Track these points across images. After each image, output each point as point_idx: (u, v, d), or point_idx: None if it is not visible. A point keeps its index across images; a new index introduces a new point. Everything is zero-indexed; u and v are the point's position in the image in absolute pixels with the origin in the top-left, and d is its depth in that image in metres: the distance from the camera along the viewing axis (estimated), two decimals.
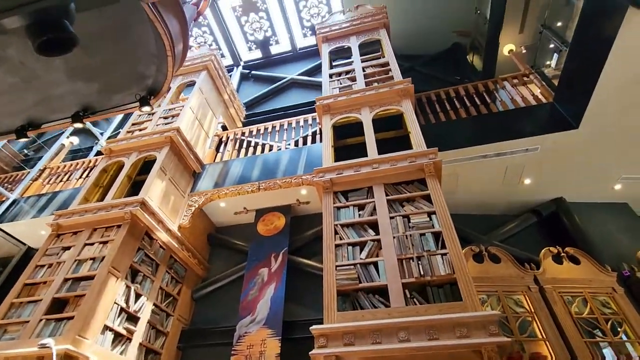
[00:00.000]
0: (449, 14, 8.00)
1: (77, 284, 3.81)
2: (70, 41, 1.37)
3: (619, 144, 4.65)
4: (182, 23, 1.82)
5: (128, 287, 4.10)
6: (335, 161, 4.31)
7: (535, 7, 6.23)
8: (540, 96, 5.16)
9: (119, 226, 4.30)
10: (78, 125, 2.10)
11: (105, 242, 4.17)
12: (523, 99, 5.22)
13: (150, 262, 4.60)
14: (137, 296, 4.22)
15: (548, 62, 6.36)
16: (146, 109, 2.08)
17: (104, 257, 3.94)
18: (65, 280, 3.87)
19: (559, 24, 5.86)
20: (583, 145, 4.66)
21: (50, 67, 1.71)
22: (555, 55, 6.11)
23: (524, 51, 6.76)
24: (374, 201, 3.75)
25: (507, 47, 6.71)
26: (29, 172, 7.10)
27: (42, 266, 4.15)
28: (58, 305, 3.75)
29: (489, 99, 5.44)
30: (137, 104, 2.07)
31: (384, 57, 5.64)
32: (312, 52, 9.96)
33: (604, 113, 4.30)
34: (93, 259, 4.02)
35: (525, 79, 5.58)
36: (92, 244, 4.20)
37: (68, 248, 4.27)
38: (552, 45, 6.09)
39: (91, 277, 3.77)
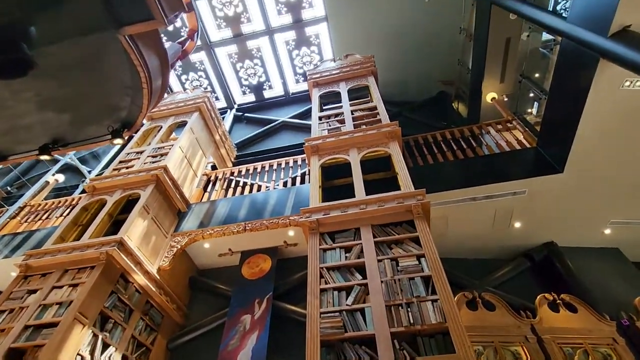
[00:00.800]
0: (434, 64, 8.47)
1: (38, 332, 3.48)
2: (25, 64, 1.33)
3: (605, 188, 4.70)
4: (163, 59, 1.84)
5: (95, 335, 3.76)
6: (323, 202, 4.24)
7: (513, 60, 6.63)
8: (524, 141, 5.30)
9: (92, 267, 4.05)
10: (45, 157, 2.01)
11: (75, 285, 3.90)
12: (508, 143, 5.35)
13: (124, 307, 4.28)
14: (105, 346, 3.85)
15: (529, 110, 6.64)
16: (118, 141, 2.02)
17: (71, 302, 3.65)
18: (26, 327, 3.54)
19: (537, 75, 6.20)
20: (569, 189, 4.70)
21: (20, 96, 1.66)
22: (536, 104, 6.39)
23: (505, 99, 7.07)
24: (361, 243, 3.62)
25: (489, 95, 7.02)
26: (7, 210, 6.84)
27: (3, 312, 3.82)
28: (14, 357, 3.39)
29: (475, 143, 5.56)
30: (110, 136, 2.01)
31: (372, 101, 5.82)
32: (304, 97, 10.30)
33: (587, 158, 4.39)
34: (60, 303, 3.71)
35: (508, 125, 5.77)
36: (60, 287, 3.91)
37: (34, 291, 3.97)
38: (532, 94, 6.39)
39: (54, 324, 3.46)
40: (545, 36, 6.13)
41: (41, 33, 1.31)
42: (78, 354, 3.48)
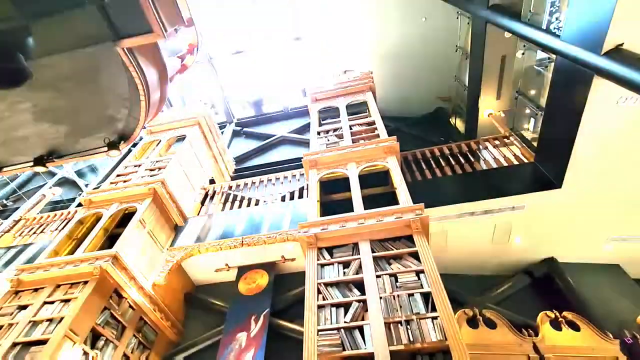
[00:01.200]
0: (431, 81, 8.60)
1: (26, 350, 3.38)
2: (20, 74, 1.32)
3: (603, 203, 4.68)
4: (162, 72, 1.85)
5: (86, 353, 3.65)
6: (321, 216, 4.20)
7: (509, 77, 6.73)
8: (521, 156, 5.32)
9: (85, 282, 3.97)
10: (40, 169, 2.00)
11: (67, 301, 3.80)
12: (505, 158, 5.36)
13: (117, 324, 4.17)
14: None
15: (526, 126, 6.69)
16: (114, 153, 2.01)
17: (62, 318, 3.55)
18: (14, 345, 3.43)
19: (533, 91, 6.28)
20: (568, 204, 4.68)
21: (17, 107, 1.65)
22: (532, 120, 6.45)
23: (502, 115, 7.14)
24: (360, 258, 3.57)
25: (486, 111, 7.09)
26: (1, 223, 6.76)
27: None
28: None
29: (473, 159, 5.58)
30: (105, 148, 2.00)
31: (370, 117, 5.87)
32: (303, 112, 10.41)
33: (585, 174, 4.39)
34: (50, 320, 3.62)
35: (506, 140, 5.80)
36: (52, 303, 3.82)
37: (25, 307, 3.87)
38: (528, 111, 6.46)
39: (44, 342, 3.35)
40: (540, 54, 6.24)
41: (39, 44, 1.32)
42: None
